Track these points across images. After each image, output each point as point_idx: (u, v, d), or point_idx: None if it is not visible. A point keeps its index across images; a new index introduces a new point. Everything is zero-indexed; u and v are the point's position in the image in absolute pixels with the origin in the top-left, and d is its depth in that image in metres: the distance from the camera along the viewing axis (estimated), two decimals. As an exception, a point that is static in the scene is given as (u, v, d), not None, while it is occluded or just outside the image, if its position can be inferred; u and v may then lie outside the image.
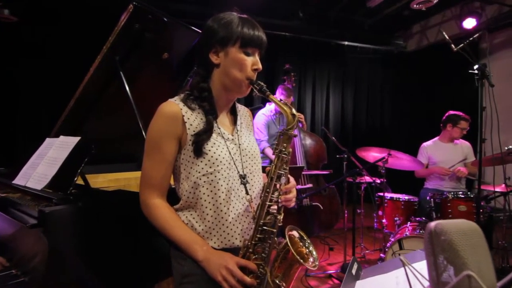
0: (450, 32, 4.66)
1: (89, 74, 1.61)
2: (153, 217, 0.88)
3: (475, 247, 0.38)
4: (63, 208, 0.98)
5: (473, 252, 0.38)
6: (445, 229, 0.39)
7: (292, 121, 0.86)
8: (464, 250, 0.37)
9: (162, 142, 0.88)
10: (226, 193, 0.88)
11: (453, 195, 2.35)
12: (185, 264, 0.86)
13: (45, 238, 0.88)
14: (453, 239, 0.38)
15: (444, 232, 0.39)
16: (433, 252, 0.39)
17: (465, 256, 0.37)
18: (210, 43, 0.90)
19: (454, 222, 0.40)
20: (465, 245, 0.38)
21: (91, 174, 1.87)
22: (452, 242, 0.38)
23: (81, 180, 1.32)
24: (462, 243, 0.37)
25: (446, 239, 0.38)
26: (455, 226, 0.39)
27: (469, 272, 0.34)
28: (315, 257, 0.83)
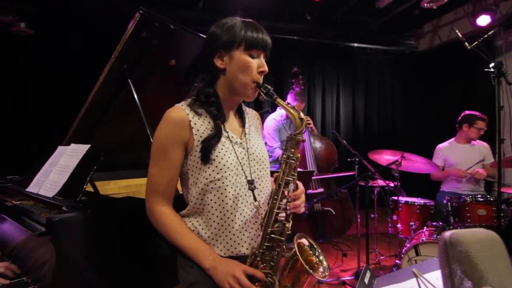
0: (463, 30, 4.55)
1: (98, 83, 1.64)
2: (159, 224, 0.87)
3: (495, 259, 0.35)
4: (72, 216, 0.99)
5: (492, 264, 0.34)
6: (461, 239, 0.36)
7: (300, 125, 0.84)
8: (482, 262, 0.34)
9: (168, 148, 0.87)
10: (233, 199, 0.87)
11: (471, 199, 2.26)
12: (192, 272, 0.85)
13: (52, 246, 0.88)
14: (470, 250, 0.35)
15: (460, 242, 0.36)
16: (449, 264, 0.36)
17: (484, 269, 0.33)
18: (214, 48, 0.90)
19: (471, 231, 0.36)
20: (483, 257, 0.34)
21: (103, 181, 1.90)
22: (469, 254, 0.34)
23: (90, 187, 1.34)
24: (480, 255, 0.34)
25: (463, 250, 0.35)
26: (473, 236, 0.36)
27: (490, 285, 0.31)
28: (326, 267, 0.79)
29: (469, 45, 2.31)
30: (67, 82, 3.53)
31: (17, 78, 3.49)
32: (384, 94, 5.55)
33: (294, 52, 4.71)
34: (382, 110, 5.52)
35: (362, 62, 5.30)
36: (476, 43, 2.27)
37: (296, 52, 4.73)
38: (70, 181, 1.30)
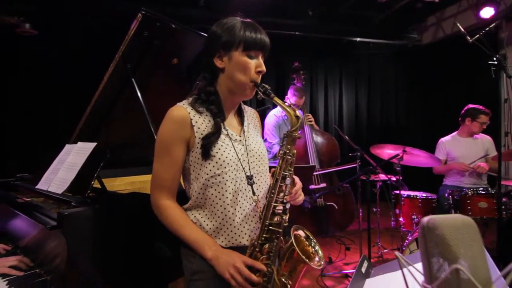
0: (467, 23, 4.50)
1: (103, 83, 1.68)
2: (164, 217, 0.91)
3: (469, 242, 0.38)
4: (81, 210, 1.03)
5: (466, 247, 0.38)
6: (438, 224, 0.39)
7: (296, 123, 0.87)
8: (457, 244, 0.37)
9: (171, 145, 0.91)
10: (233, 194, 0.91)
11: (472, 192, 2.27)
12: (195, 261, 0.89)
13: (64, 238, 0.93)
14: (446, 234, 0.38)
15: (436, 227, 0.39)
16: (426, 247, 0.40)
17: (458, 251, 0.37)
18: (214, 48, 0.93)
19: (448, 217, 0.40)
20: (458, 240, 0.38)
21: (109, 178, 1.96)
22: (445, 237, 0.38)
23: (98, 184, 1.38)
24: (455, 238, 0.37)
25: (439, 234, 0.39)
26: (448, 221, 0.39)
27: (457, 266, 0.34)
28: (321, 257, 0.83)
29: (470, 39, 2.31)
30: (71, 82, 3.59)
31: (23, 79, 3.55)
32: (387, 88, 5.53)
33: (297, 48, 4.71)
34: (385, 104, 5.51)
35: (365, 57, 5.28)
36: (478, 36, 2.26)
37: (298, 48, 4.72)
38: (78, 178, 1.35)
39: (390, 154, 2.64)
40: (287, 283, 0.81)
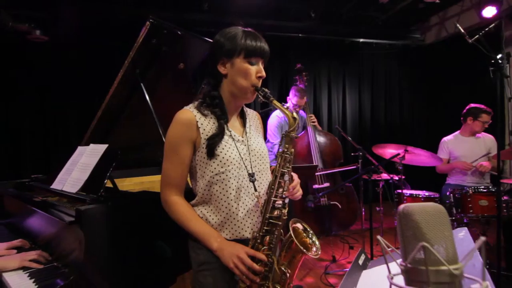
0: (470, 22, 4.51)
1: (113, 87, 1.77)
2: (173, 212, 0.98)
3: (439, 225, 0.44)
4: (96, 207, 1.11)
5: (435, 229, 0.44)
6: (412, 210, 0.45)
7: (293, 124, 0.94)
8: (427, 227, 0.43)
9: (179, 146, 0.98)
10: (236, 190, 0.97)
11: (473, 190, 2.30)
12: (201, 253, 0.96)
13: (81, 232, 1.01)
14: (418, 219, 0.44)
15: (411, 213, 0.45)
16: (402, 230, 0.46)
17: (427, 232, 0.43)
18: (218, 56, 1.00)
19: (421, 204, 0.46)
20: (428, 224, 0.44)
21: (119, 178, 2.04)
22: (418, 222, 0.44)
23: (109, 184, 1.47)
24: (425, 222, 0.43)
25: (413, 219, 0.45)
26: (421, 208, 0.45)
27: (423, 243, 0.40)
28: (318, 247, 0.89)
29: (470, 39, 2.34)
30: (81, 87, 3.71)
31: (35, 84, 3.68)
32: (390, 89, 5.55)
33: (300, 49, 4.77)
34: (388, 104, 5.53)
35: (368, 57, 5.31)
36: (477, 37, 2.29)
37: (301, 49, 4.78)
38: (91, 178, 1.43)
39: (392, 153, 2.67)
40: (287, 272, 0.87)
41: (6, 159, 3.52)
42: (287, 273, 0.87)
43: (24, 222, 1.63)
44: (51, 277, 1.07)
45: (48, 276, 1.09)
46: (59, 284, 0.95)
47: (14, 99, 3.61)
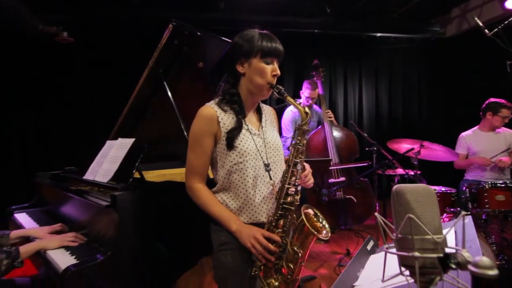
0: (493, 14, 4.37)
1: (138, 85, 1.90)
2: (197, 197, 1.10)
3: (426, 203, 0.52)
4: (127, 193, 1.24)
5: (423, 206, 0.51)
6: (403, 190, 0.53)
7: (305, 118, 1.02)
8: (415, 203, 0.51)
9: (202, 138, 1.09)
10: (253, 178, 1.07)
11: (490, 185, 2.29)
12: (222, 235, 1.07)
13: (116, 215, 1.14)
14: (409, 197, 0.52)
15: (402, 192, 0.53)
16: (395, 207, 0.54)
17: (415, 207, 0.50)
18: (237, 56, 1.10)
19: (412, 185, 0.53)
20: (417, 201, 0.51)
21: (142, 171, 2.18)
22: (407, 199, 0.52)
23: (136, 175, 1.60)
24: (414, 200, 0.51)
25: (404, 197, 0.53)
26: (411, 188, 0.52)
27: (410, 215, 0.48)
28: (328, 230, 0.98)
29: (489, 32, 2.31)
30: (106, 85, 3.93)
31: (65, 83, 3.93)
32: (408, 83, 5.45)
33: (315, 45, 4.78)
34: (407, 99, 5.44)
35: (386, 52, 5.24)
36: (496, 30, 2.26)
37: (317, 45, 4.79)
38: (121, 169, 1.57)
39: (407, 148, 2.69)
40: (299, 252, 0.96)
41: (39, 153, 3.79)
42: (299, 253, 0.96)
43: (61, 209, 1.81)
44: (89, 254, 1.21)
45: (86, 254, 1.23)
46: (99, 259, 1.09)
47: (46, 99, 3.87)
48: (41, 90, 3.85)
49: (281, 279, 0.99)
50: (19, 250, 1.23)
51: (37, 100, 3.83)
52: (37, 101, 3.84)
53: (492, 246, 2.19)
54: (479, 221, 2.49)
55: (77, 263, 1.09)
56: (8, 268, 1.18)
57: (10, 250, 1.21)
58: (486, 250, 2.14)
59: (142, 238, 1.22)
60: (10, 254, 1.20)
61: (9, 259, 1.18)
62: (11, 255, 1.20)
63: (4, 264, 1.16)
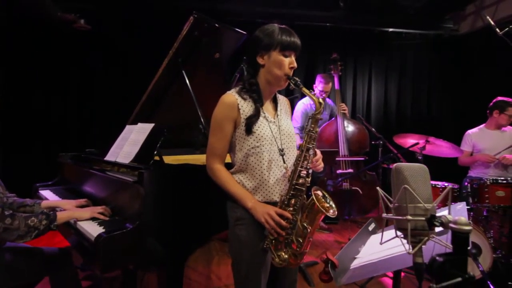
0: (508, 12, 4.33)
1: (158, 74, 2.01)
2: (217, 177, 1.21)
3: (421, 178, 0.62)
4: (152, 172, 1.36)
5: (418, 181, 0.61)
6: (401, 168, 0.63)
7: (318, 107, 1.12)
8: (410, 177, 0.61)
9: (223, 123, 1.19)
10: (268, 162, 1.18)
11: (491, 181, 2.36)
12: (238, 211, 1.19)
13: (143, 190, 1.26)
14: (406, 174, 0.62)
15: (401, 170, 0.63)
16: (394, 182, 0.64)
17: (410, 181, 0.60)
18: (257, 49, 1.19)
19: (409, 164, 0.63)
20: (413, 177, 0.61)
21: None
22: (405, 175, 0.62)
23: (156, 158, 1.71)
24: (409, 174, 0.61)
25: (402, 174, 0.63)
26: (408, 166, 0.62)
27: (405, 185, 0.58)
28: (334, 209, 1.08)
29: (500, 31, 2.34)
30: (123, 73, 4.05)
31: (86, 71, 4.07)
32: (419, 80, 5.44)
33: (328, 39, 4.80)
34: (416, 95, 5.43)
35: (397, 47, 5.23)
36: (507, 29, 2.29)
37: (329, 39, 4.81)
38: (141, 151, 1.69)
39: (413, 143, 2.75)
40: (308, 228, 1.07)
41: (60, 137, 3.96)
42: (308, 229, 1.07)
43: (84, 186, 1.95)
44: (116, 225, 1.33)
45: (113, 225, 1.36)
46: (129, 227, 1.22)
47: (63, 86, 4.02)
48: (64, 77, 3.99)
49: (291, 252, 1.10)
50: (57, 215, 1.37)
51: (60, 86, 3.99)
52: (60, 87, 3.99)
53: (490, 240, 2.27)
54: (480, 217, 2.57)
55: (108, 231, 1.22)
56: (45, 228, 1.32)
57: (49, 213, 1.36)
58: (484, 244, 2.23)
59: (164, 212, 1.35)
60: (49, 216, 1.34)
61: (48, 220, 1.32)
62: (49, 217, 1.34)
63: (43, 224, 1.30)
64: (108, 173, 1.66)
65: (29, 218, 1.29)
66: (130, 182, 1.33)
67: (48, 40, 3.93)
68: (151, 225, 1.28)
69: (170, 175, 1.53)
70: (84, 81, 4.07)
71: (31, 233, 1.28)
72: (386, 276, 2.42)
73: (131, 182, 1.32)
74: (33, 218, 1.30)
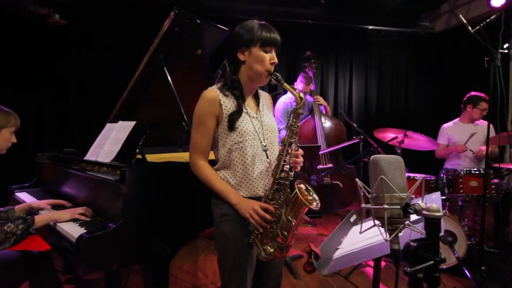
0: (479, 11, 4.53)
1: (138, 71, 1.97)
2: (200, 174, 1.21)
3: (396, 169, 0.65)
4: (134, 170, 1.34)
5: (393, 172, 0.64)
6: (378, 160, 0.66)
7: (299, 102, 1.14)
8: (386, 168, 0.64)
9: (205, 119, 1.19)
10: (251, 157, 1.19)
11: (465, 172, 2.49)
12: (222, 207, 1.19)
13: (126, 189, 1.24)
14: (382, 165, 0.65)
15: (378, 160, 0.66)
16: (371, 173, 0.67)
17: (387, 172, 0.63)
18: (238, 45, 1.19)
19: (386, 156, 0.66)
20: (389, 168, 0.64)
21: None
22: (381, 166, 0.65)
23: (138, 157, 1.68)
24: (385, 166, 0.64)
25: (379, 165, 0.66)
26: (385, 158, 0.65)
27: (381, 176, 0.61)
28: (318, 202, 1.11)
29: (472, 29, 2.45)
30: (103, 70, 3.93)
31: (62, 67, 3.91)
32: (398, 76, 5.62)
33: (309, 36, 4.86)
34: (395, 92, 5.61)
35: (376, 45, 5.37)
36: (478, 28, 2.40)
37: (310, 36, 4.87)
38: (123, 150, 1.66)
39: (392, 137, 2.84)
40: (292, 221, 1.09)
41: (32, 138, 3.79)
42: (293, 222, 1.09)
43: (63, 187, 1.89)
44: (97, 225, 1.31)
45: (95, 226, 1.33)
46: (111, 227, 1.19)
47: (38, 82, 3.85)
48: (39, 73, 3.82)
49: (276, 246, 1.12)
50: (34, 218, 1.32)
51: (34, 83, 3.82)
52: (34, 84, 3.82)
53: (464, 228, 2.40)
54: (455, 207, 2.70)
55: (89, 231, 1.19)
56: (23, 233, 1.27)
57: (26, 217, 1.31)
58: (460, 232, 2.35)
59: (146, 211, 1.33)
60: (26, 220, 1.29)
61: (25, 224, 1.28)
62: (26, 221, 1.29)
63: (20, 228, 1.26)
64: (89, 172, 1.62)
65: (5, 224, 1.25)
66: (112, 181, 1.31)
67: (20, 35, 3.74)
68: (134, 224, 1.26)
69: (152, 173, 1.51)
70: (61, 77, 3.91)
71: (9, 239, 1.24)
72: (369, 266, 2.51)
73: (113, 181, 1.30)
74: (9, 223, 1.26)
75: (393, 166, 0.64)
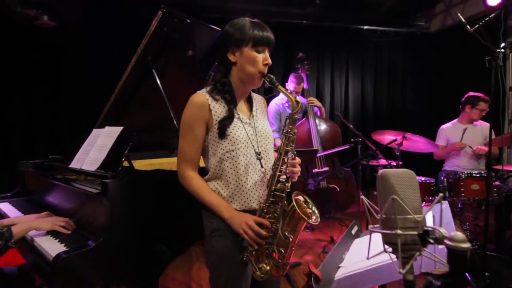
0: (475, 10, 4.50)
1: (126, 73, 1.87)
2: (189, 185, 1.11)
3: (408, 185, 0.56)
4: (118, 181, 1.24)
5: (405, 188, 0.56)
6: (388, 174, 0.57)
7: (296, 107, 1.05)
8: (398, 186, 0.55)
9: (193, 125, 1.09)
10: (245, 166, 1.09)
11: (466, 175, 2.42)
12: (214, 221, 1.09)
13: (107, 202, 1.14)
14: (392, 181, 0.56)
15: (387, 176, 0.57)
16: (379, 190, 0.58)
17: (398, 190, 0.55)
18: (228, 45, 1.10)
19: (395, 170, 0.58)
20: (399, 184, 0.56)
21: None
22: (391, 182, 0.56)
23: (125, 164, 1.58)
24: (396, 182, 0.55)
25: (388, 181, 0.57)
26: (394, 172, 0.57)
27: (393, 196, 0.52)
28: (317, 215, 1.02)
29: (470, 28, 2.39)
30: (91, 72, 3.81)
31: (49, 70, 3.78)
32: (394, 76, 5.57)
33: (304, 36, 4.79)
34: (391, 92, 5.57)
35: (372, 45, 5.32)
36: (477, 27, 2.34)
37: (305, 36, 4.80)
38: (109, 157, 1.56)
39: (391, 140, 2.78)
40: (290, 237, 1.00)
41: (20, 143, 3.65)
42: (290, 238, 1.00)
43: (47, 197, 1.78)
44: (78, 242, 1.21)
45: (75, 241, 1.23)
46: (91, 245, 1.09)
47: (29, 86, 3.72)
48: (24, 77, 3.69)
49: (272, 264, 1.03)
50: (12, 230, 1.21)
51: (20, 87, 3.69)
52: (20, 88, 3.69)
53: (466, 232, 2.33)
54: (455, 210, 2.64)
55: (68, 250, 1.09)
56: (2, 248, 1.17)
57: (2, 231, 1.20)
58: (461, 235, 2.28)
59: (132, 225, 1.23)
60: (3, 235, 1.19)
61: (2, 239, 1.17)
62: (3, 236, 1.18)
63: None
64: (72, 183, 1.52)
65: None
66: (93, 193, 1.20)
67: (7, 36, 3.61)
68: (118, 240, 1.16)
69: (140, 182, 1.41)
70: (48, 80, 3.78)
71: None
72: None
73: (94, 193, 1.19)
74: None
75: (405, 182, 0.56)
